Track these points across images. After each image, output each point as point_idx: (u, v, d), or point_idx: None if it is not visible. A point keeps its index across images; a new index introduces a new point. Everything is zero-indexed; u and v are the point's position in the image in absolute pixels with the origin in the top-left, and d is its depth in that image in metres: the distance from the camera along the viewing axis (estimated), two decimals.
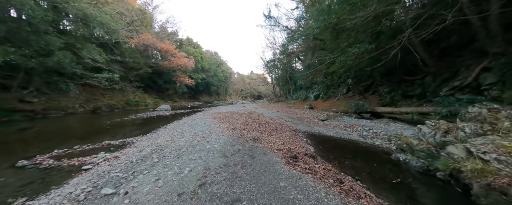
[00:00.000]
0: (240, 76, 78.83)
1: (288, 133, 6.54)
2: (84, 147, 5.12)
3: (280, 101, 33.42)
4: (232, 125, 7.46)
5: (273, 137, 5.52)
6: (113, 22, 14.08)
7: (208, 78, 42.28)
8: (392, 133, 5.58)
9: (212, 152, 3.95)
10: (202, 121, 8.83)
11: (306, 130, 7.33)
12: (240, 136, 5.47)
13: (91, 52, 13.38)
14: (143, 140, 5.70)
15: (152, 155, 3.94)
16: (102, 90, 20.42)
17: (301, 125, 8.28)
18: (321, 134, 6.60)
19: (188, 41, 40.95)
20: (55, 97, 15.09)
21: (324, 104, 17.23)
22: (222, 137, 5.26)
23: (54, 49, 10.44)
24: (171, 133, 6.25)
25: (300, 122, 9.00)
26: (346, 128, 6.97)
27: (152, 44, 22.78)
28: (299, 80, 29.13)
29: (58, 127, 8.81)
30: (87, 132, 7.65)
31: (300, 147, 4.72)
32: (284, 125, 8.20)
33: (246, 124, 7.64)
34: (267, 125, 7.77)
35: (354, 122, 7.66)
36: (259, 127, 7.20)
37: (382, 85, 12.38)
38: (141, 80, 25.47)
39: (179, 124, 8.63)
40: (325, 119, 9.02)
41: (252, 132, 6.10)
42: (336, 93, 18.05)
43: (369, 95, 13.03)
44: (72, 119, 12.38)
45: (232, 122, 8.12)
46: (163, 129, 7.59)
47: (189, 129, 6.89)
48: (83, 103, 17.38)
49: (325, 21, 10.02)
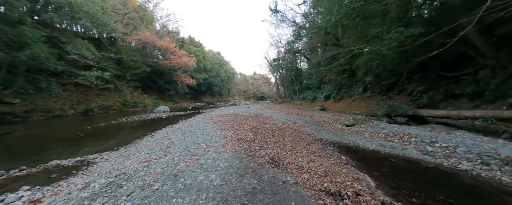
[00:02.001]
0: (243, 76, 77.12)
1: (313, 145, 4.67)
2: (10, 173, 3.31)
3: (285, 102, 31.49)
4: (238, 133, 5.61)
5: (299, 156, 3.65)
6: (104, 14, 12.41)
7: (210, 78, 40.55)
8: (478, 150, 3.66)
9: (205, 194, 2.12)
10: (200, 127, 7.00)
11: (335, 140, 5.44)
12: (251, 153, 3.61)
13: (78, 47, 11.69)
14: (110, 158, 3.89)
15: (96, 200, 2.11)
16: (96, 91, 18.78)
17: (325, 133, 6.38)
18: (359, 148, 4.70)
19: (190, 40, 39.36)
20: (43, 98, 13.46)
21: (337, 105, 15.28)
22: (223, 157, 3.41)
23: (29, 41, 8.74)
24: (153, 147, 4.43)
25: (321, 128, 7.10)
26: (391, 139, 5.06)
27: (150, 42, 21.15)
28: (305, 80, 27.20)
29: (21, 134, 7.07)
30: (50, 141, 5.88)
31: (346, 175, 2.85)
32: (302, 132, 6.32)
33: (256, 132, 5.78)
34: (282, 133, 5.90)
35: (396, 129, 5.74)
36: (273, 136, 5.34)
37: (410, 83, 10.40)
38: (141, 80, 23.82)
39: (171, 130, 6.81)
40: (351, 124, 7.11)
41: (267, 145, 4.24)
42: (350, 93, 16.08)
43: (394, 94, 11.05)
44: (53, 123, 10.67)
45: (237, 129, 6.26)
46: (148, 139, 5.77)
47: (180, 139, 5.06)
48: (75, 104, 15.74)
49: (346, 7, 8.13)
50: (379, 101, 11.45)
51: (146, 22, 26.52)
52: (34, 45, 8.71)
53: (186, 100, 34.97)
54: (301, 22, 21.27)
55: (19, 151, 5.05)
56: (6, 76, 10.68)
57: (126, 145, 5.19)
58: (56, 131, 8.05)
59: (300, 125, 7.69)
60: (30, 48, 8.51)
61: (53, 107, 13.48)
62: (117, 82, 20.28)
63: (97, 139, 6.16)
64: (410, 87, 10.33)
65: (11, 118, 11.02)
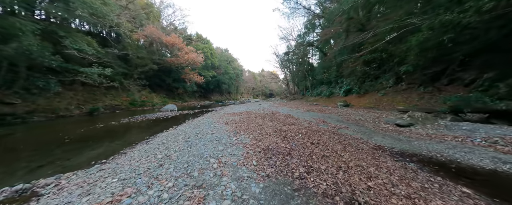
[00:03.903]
0: (251, 74, 75.42)
1: (382, 160, 2.93)
2: None
3: (296, 99, 29.45)
4: (260, 138, 3.97)
5: (383, 188, 1.95)
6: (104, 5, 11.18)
7: (218, 75, 39.22)
8: None
9: None
10: (209, 128, 5.44)
11: (403, 149, 3.63)
12: (299, 184, 1.96)
13: (77, 41, 10.55)
14: (67, 186, 2.38)
15: None
16: (104, 90, 17.95)
17: (377, 136, 4.58)
18: (462, 165, 2.88)
19: (198, 37, 38.12)
20: (48, 98, 12.60)
21: (362, 100, 13.21)
22: (250, 192, 1.79)
23: (19, 34, 7.60)
24: (140, 163, 2.91)
25: (367, 130, 5.28)
26: (510, 149, 3.16)
27: (157, 38, 19.99)
28: (318, 75, 25.01)
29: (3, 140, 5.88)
30: (23, 150, 4.57)
31: None
32: (345, 136, 4.56)
33: (284, 137, 4.12)
34: (319, 137, 4.19)
35: (500, 132, 3.81)
36: (312, 144, 3.63)
37: (467, 69, 8.20)
38: (148, 78, 22.85)
39: (174, 134, 5.30)
40: (407, 124, 5.22)
41: (315, 162, 2.56)
42: (376, 87, 13.89)
43: (443, 85, 8.87)
44: (53, 124, 9.65)
45: (257, 132, 4.63)
46: (141, 147, 4.29)
47: (182, 148, 3.50)
48: (81, 104, 14.88)
49: None
50: (422, 94, 9.33)
51: (153, 18, 25.46)
52: (24, 37, 7.55)
53: (195, 99, 33.95)
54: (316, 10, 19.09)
55: None
56: (6, 75, 9.77)
57: (109, 157, 3.72)
58: (45, 134, 6.86)
59: (335, 126, 5.90)
60: (18, 40, 7.35)
61: (58, 107, 12.59)
62: (124, 81, 19.36)
63: (80, 147, 4.77)
64: (466, 75, 8.14)
65: (12, 120, 10.11)
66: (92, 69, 10.84)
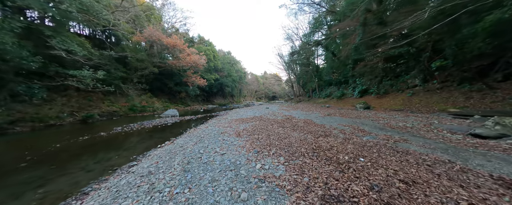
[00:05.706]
0: (254, 76, 74.06)
1: None
2: None
3: (302, 101, 27.81)
4: (297, 164, 2.44)
5: None
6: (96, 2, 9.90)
7: (221, 78, 37.89)
8: None
9: None
10: (217, 144, 3.91)
11: None
12: None
13: (66, 41, 9.24)
14: None
15: None
16: (101, 95, 16.62)
17: (476, 158, 3.00)
18: None
19: (200, 39, 37.01)
20: (38, 105, 11.24)
21: (383, 102, 11.59)
22: None
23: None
24: None
25: (436, 144, 3.70)
26: None
27: (157, 40, 18.78)
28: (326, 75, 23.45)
29: None
30: None
31: None
32: (416, 155, 3.00)
33: (339, 164, 2.57)
34: (383, 160, 2.64)
35: None
36: (399, 179, 2.09)
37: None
38: (150, 82, 21.56)
39: (169, 154, 3.80)
40: (497, 135, 3.64)
41: None
42: (397, 86, 12.28)
43: (497, 82, 7.24)
44: (35, 135, 8.24)
45: (285, 149, 3.09)
46: (116, 181, 2.79)
47: (176, 193, 2.01)
48: (75, 110, 13.52)
49: None
50: (467, 93, 7.70)
51: (154, 21, 24.35)
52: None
53: (198, 102, 32.58)
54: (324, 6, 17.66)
55: None
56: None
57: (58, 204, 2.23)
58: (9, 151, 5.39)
59: (385, 137, 4.33)
60: None
61: (47, 115, 11.21)
62: (123, 85, 18.03)
63: (29, 178, 3.28)
64: None
65: None
66: (82, 72, 9.47)
